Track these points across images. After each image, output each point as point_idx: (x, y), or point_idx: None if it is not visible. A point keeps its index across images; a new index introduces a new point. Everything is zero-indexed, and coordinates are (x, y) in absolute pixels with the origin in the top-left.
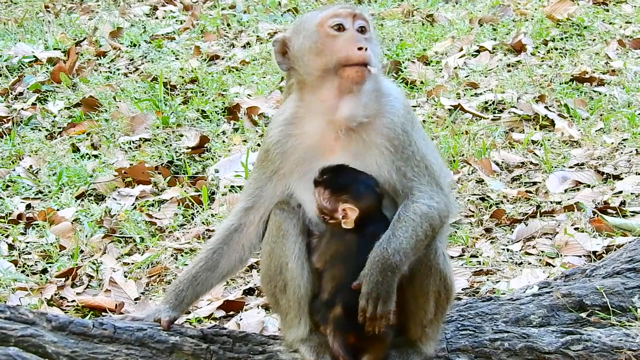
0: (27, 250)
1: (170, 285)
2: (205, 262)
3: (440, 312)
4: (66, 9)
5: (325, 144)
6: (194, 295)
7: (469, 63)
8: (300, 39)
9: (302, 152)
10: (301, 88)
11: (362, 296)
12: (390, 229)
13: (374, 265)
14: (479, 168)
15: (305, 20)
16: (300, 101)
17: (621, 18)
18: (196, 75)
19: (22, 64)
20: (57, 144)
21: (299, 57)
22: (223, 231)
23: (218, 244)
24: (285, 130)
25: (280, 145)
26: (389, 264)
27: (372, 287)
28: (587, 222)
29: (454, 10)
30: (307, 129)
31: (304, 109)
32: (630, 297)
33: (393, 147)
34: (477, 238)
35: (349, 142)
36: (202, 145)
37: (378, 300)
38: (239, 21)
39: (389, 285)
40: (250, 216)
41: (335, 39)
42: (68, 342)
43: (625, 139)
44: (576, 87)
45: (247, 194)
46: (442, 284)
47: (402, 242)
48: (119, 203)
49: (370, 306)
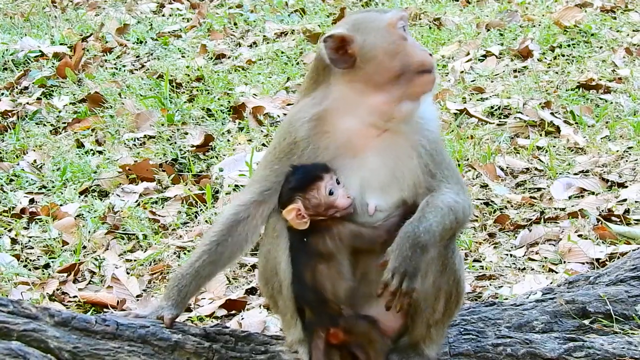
0: (30, 245)
1: (172, 280)
2: (208, 255)
3: (447, 315)
4: (73, 4)
5: (357, 143)
6: (196, 288)
7: (475, 67)
8: (370, 38)
9: (333, 149)
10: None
11: (388, 270)
12: (420, 212)
13: (404, 240)
14: (484, 173)
15: (369, 20)
16: (340, 97)
17: (629, 26)
18: (202, 73)
19: (28, 58)
20: (61, 139)
21: (370, 57)
22: (228, 222)
23: (222, 235)
24: (316, 126)
25: (311, 141)
26: (418, 241)
27: (401, 261)
28: (591, 229)
29: (461, 14)
30: (340, 127)
31: (341, 105)
32: (633, 305)
33: (429, 153)
34: (480, 243)
35: (383, 143)
36: (207, 143)
37: (405, 276)
38: (246, 20)
39: (417, 262)
40: (260, 209)
41: (405, 42)
42: (70, 338)
43: (631, 147)
44: (582, 94)
45: (260, 185)
46: (454, 286)
47: (432, 224)
48: (123, 200)
49: (396, 280)
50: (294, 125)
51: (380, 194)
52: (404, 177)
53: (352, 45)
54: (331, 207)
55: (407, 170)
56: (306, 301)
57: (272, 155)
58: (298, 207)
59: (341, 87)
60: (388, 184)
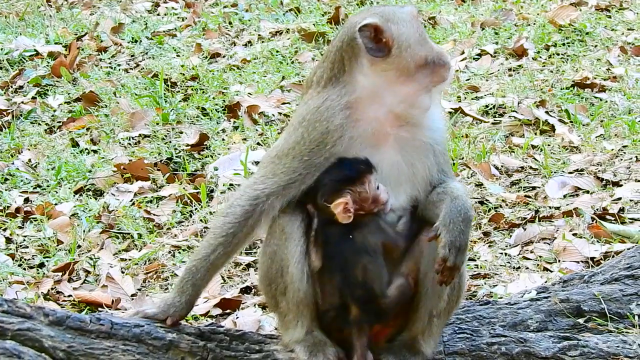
0: (25, 244)
1: (185, 274)
2: (224, 248)
3: (449, 306)
4: (68, 3)
5: (380, 134)
6: (208, 281)
7: (470, 66)
8: (402, 28)
9: (363, 138)
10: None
11: (445, 245)
12: (450, 194)
13: (456, 215)
14: (479, 171)
15: (396, 10)
16: (368, 86)
17: (623, 25)
18: (197, 72)
19: (23, 57)
20: (56, 138)
21: (405, 46)
22: (244, 212)
23: (239, 226)
24: (350, 115)
25: (345, 130)
26: (468, 216)
27: (456, 235)
28: (586, 228)
29: (456, 13)
30: (369, 115)
31: (369, 94)
32: (628, 304)
33: (440, 149)
34: (475, 241)
35: (400, 135)
36: (202, 142)
37: (459, 250)
38: (241, 19)
39: (467, 236)
40: (279, 202)
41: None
42: (65, 337)
43: (625, 145)
44: (577, 93)
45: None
46: (458, 277)
47: (467, 202)
48: (118, 199)
49: (452, 255)
50: (325, 114)
51: (398, 189)
52: (419, 173)
53: (385, 34)
54: (376, 201)
55: (423, 167)
56: (355, 298)
57: (300, 146)
58: (347, 200)
59: (370, 76)
60: (405, 180)
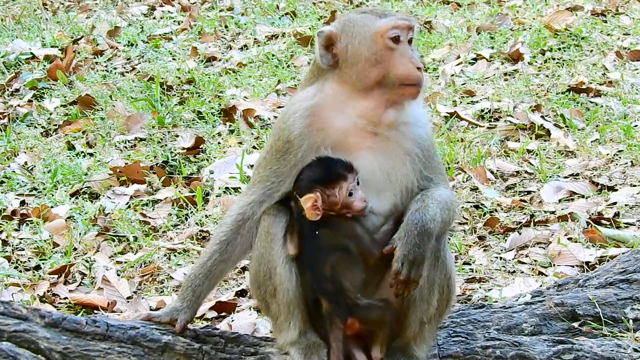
0: (21, 247)
1: (185, 282)
2: (219, 255)
3: (440, 311)
4: (64, 7)
5: (352, 141)
6: (209, 288)
7: (466, 71)
8: (355, 43)
9: (333, 147)
10: (339, 83)
11: (398, 259)
12: (421, 202)
13: (411, 228)
14: (474, 176)
15: (359, 24)
16: (331, 94)
17: (619, 30)
18: (193, 76)
19: (19, 60)
20: (52, 141)
21: (353, 62)
22: (235, 221)
23: (231, 234)
24: (310, 123)
25: (306, 138)
26: (425, 229)
27: (410, 249)
28: (581, 232)
29: (452, 17)
30: (334, 124)
31: (332, 103)
32: (622, 308)
33: (423, 156)
34: (470, 245)
35: (377, 143)
36: (198, 146)
37: (413, 264)
38: (237, 23)
39: (424, 250)
40: (263, 207)
41: (393, 52)
42: (61, 339)
43: (621, 150)
44: (573, 98)
45: (261, 186)
46: (446, 281)
47: (435, 213)
48: (113, 202)
49: (405, 269)
50: (287, 122)
51: (375, 196)
52: (397, 181)
53: (336, 45)
54: (347, 207)
55: (400, 175)
56: (324, 292)
57: (269, 155)
58: (316, 198)
59: (334, 85)
60: (382, 187)
